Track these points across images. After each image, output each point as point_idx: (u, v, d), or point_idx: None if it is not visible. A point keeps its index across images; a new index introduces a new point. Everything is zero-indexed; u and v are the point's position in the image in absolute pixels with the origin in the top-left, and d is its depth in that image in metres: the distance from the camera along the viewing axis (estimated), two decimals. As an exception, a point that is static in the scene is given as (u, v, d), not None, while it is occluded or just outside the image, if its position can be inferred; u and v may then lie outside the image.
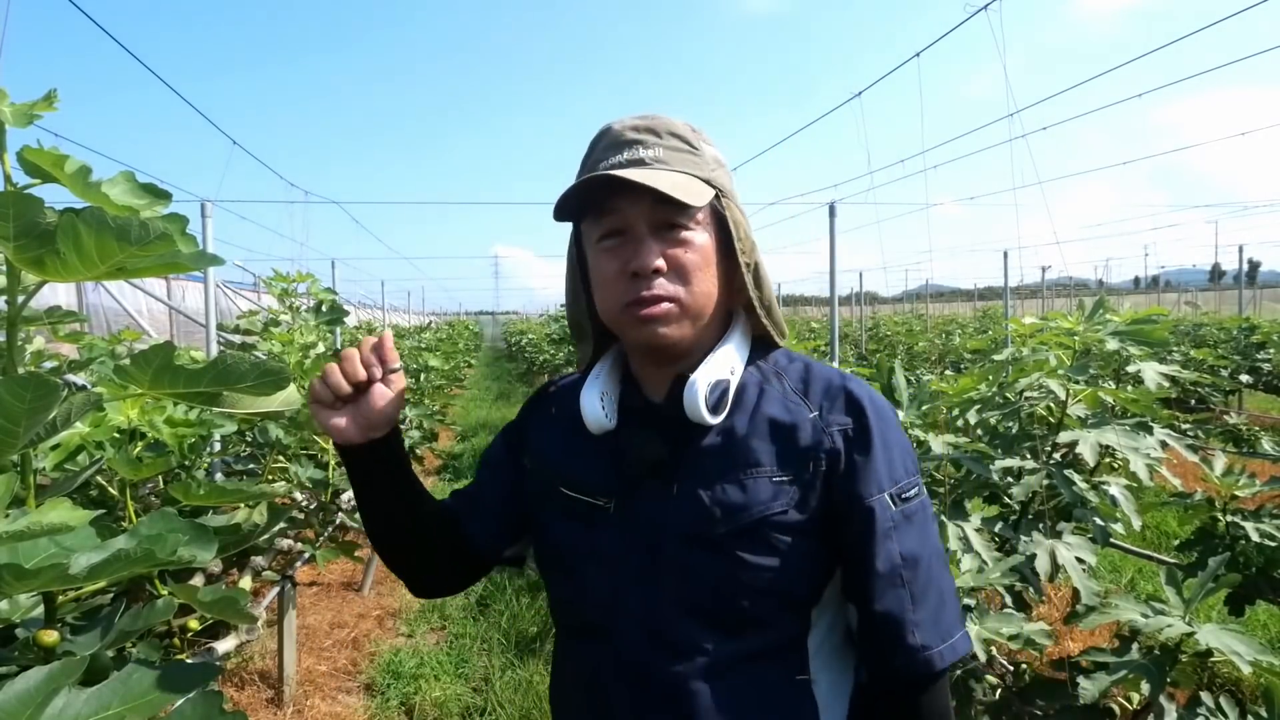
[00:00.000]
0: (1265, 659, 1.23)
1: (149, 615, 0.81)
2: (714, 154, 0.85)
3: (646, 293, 0.77)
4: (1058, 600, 3.41)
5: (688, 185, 0.77)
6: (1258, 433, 4.87)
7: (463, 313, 54.04)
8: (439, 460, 7.21)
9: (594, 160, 0.82)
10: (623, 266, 0.78)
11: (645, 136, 0.80)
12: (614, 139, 0.82)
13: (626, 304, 0.78)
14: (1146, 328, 1.87)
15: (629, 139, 0.80)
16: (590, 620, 0.86)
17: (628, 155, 0.79)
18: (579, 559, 0.87)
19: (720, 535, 0.79)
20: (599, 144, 0.83)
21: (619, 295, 0.79)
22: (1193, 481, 3.35)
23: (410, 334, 10.97)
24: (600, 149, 0.82)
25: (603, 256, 0.80)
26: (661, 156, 0.79)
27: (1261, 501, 1.92)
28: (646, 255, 0.77)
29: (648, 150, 0.79)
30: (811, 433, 0.81)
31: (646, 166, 0.78)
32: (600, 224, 0.80)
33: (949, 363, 8.39)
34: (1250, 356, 7.64)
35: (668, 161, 0.79)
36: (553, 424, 0.94)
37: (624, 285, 0.78)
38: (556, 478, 0.89)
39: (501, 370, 19.58)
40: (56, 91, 0.66)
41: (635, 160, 0.79)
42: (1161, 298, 25.10)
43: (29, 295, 0.67)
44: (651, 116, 0.83)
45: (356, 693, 3.02)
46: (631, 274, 0.77)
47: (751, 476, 0.80)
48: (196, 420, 1.39)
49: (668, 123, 0.82)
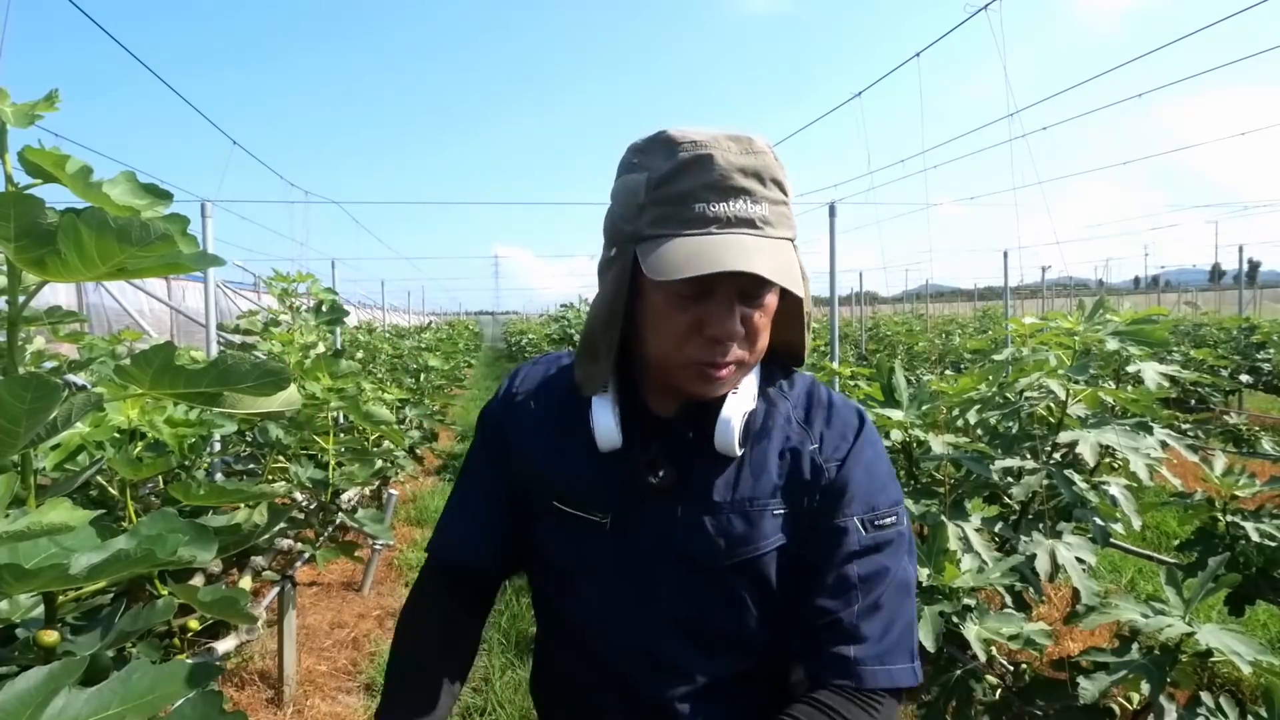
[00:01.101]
0: (1265, 659, 1.23)
1: (149, 615, 0.81)
2: (792, 190, 0.78)
3: (721, 359, 0.74)
4: (1058, 600, 3.41)
5: (791, 265, 0.73)
6: (1258, 433, 4.87)
7: (463, 313, 54.05)
8: (439, 460, 7.21)
9: (685, 194, 0.72)
10: (698, 325, 0.74)
11: (753, 185, 0.72)
12: (719, 180, 0.71)
13: (697, 362, 0.75)
14: (1146, 328, 1.87)
15: (737, 185, 0.71)
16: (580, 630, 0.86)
17: (736, 209, 0.71)
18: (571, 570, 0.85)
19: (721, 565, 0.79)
20: (692, 172, 0.72)
21: (687, 351, 0.75)
22: (1193, 481, 3.35)
23: (410, 334, 10.97)
24: (700, 186, 0.71)
25: (673, 304, 0.74)
26: (769, 217, 0.73)
27: (1261, 501, 1.92)
28: (731, 324, 0.73)
29: (756, 206, 0.72)
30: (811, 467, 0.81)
31: (756, 231, 0.72)
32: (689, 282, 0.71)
33: (949, 363, 8.39)
34: (1250, 356, 7.64)
35: (773, 224, 0.73)
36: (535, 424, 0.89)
37: (696, 344, 0.75)
38: (549, 490, 0.86)
39: (501, 370, 19.58)
40: (58, 91, 0.66)
41: (744, 219, 0.71)
42: (1161, 298, 25.10)
43: (29, 295, 0.67)
44: (755, 150, 0.73)
45: (356, 693, 3.02)
46: (710, 337, 0.74)
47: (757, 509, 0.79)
48: (196, 420, 1.39)
49: (769, 164, 0.74)
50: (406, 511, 5.38)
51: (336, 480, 2.24)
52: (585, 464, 0.84)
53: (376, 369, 5.66)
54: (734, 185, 0.71)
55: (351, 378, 2.24)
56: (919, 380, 2.05)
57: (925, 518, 1.69)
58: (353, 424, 2.77)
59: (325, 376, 2.17)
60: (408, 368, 6.53)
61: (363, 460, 2.35)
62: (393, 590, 4.05)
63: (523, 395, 0.93)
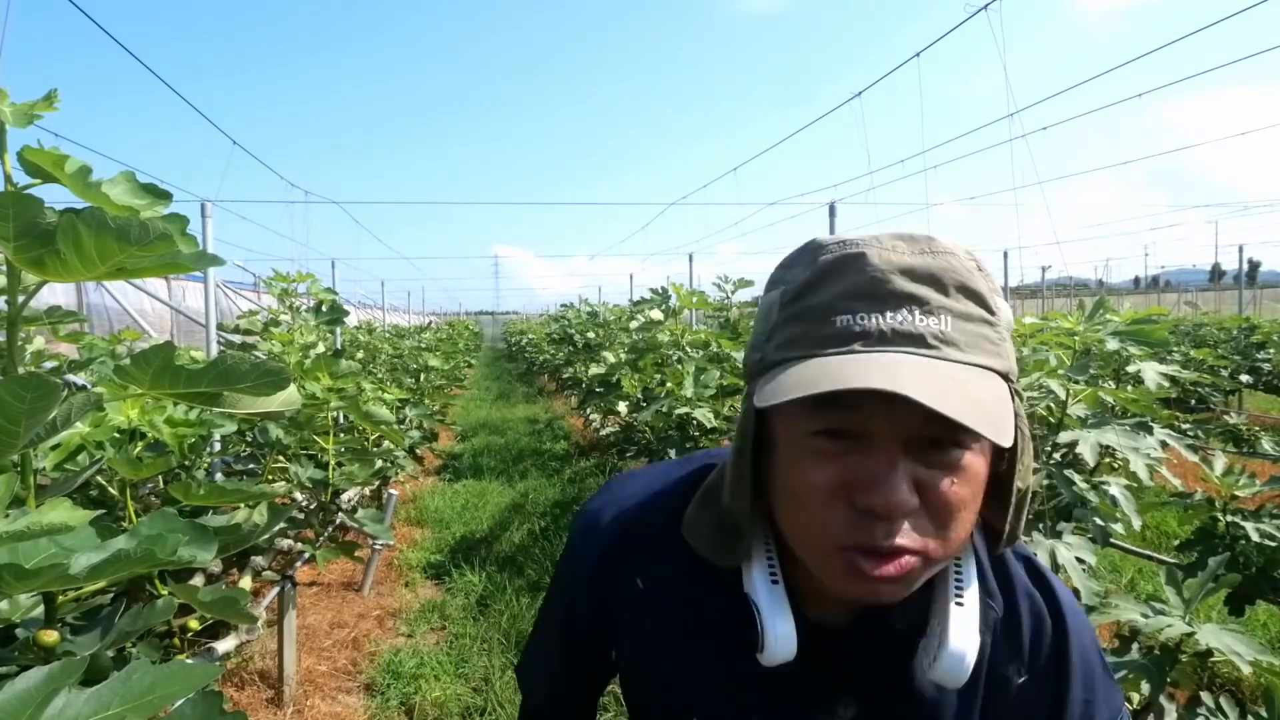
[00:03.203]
0: (1265, 659, 1.23)
1: (149, 615, 0.81)
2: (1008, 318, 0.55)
3: (885, 542, 0.49)
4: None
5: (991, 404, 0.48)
6: (1258, 433, 4.87)
7: (463, 313, 54.10)
8: (439, 460, 7.21)
9: (825, 304, 0.52)
10: (848, 488, 0.50)
11: (926, 293, 0.51)
12: (874, 286, 0.51)
13: (845, 547, 0.51)
14: (1146, 328, 1.87)
15: (903, 290, 0.50)
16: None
17: (899, 322, 0.50)
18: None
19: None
20: (836, 277, 0.52)
21: (833, 530, 0.51)
22: (1193, 481, 3.35)
23: (410, 334, 10.97)
24: (842, 294, 0.52)
25: (812, 456, 0.52)
26: (950, 334, 0.50)
27: (1261, 501, 1.92)
28: (896, 489, 0.49)
29: (932, 319, 0.50)
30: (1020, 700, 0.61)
31: (929, 350, 0.50)
32: (824, 414, 0.51)
33: (949, 363, 8.38)
34: (1250, 356, 7.65)
35: (958, 343, 0.50)
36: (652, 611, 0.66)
37: (846, 517, 0.51)
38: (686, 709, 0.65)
39: (501, 370, 19.59)
40: (57, 91, 0.66)
41: (907, 335, 0.50)
42: (1161, 298, 25.11)
43: (29, 295, 0.67)
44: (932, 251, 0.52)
45: (356, 693, 3.02)
46: (864, 508, 0.50)
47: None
48: (196, 420, 1.39)
49: (955, 266, 0.52)
50: (406, 511, 5.38)
51: (336, 480, 2.24)
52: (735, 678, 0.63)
53: (376, 369, 5.67)
54: (895, 290, 0.50)
55: (351, 378, 2.24)
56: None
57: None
58: (353, 424, 2.77)
59: (325, 376, 2.17)
60: (408, 368, 6.53)
61: (363, 460, 2.35)
62: (393, 590, 4.05)
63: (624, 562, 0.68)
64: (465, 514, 5.33)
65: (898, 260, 0.51)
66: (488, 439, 8.47)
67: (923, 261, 0.51)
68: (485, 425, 9.54)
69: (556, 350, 10.54)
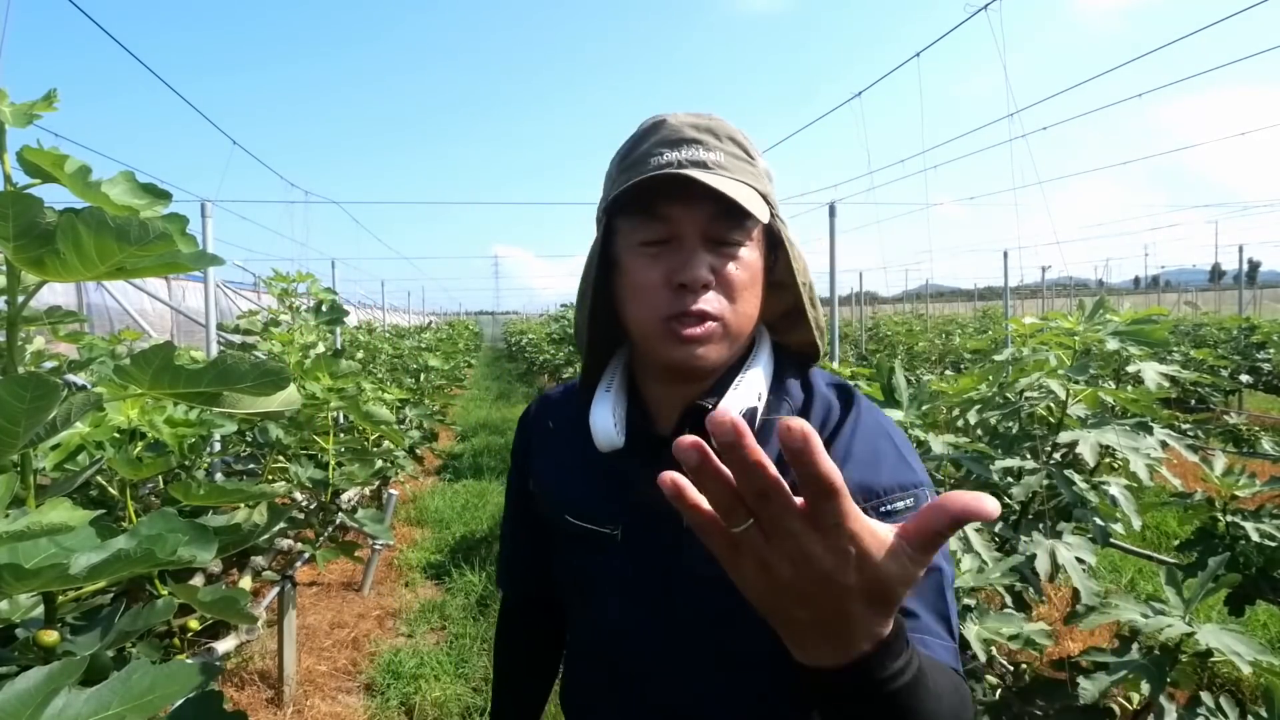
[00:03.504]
0: (1265, 659, 1.23)
1: (149, 615, 0.81)
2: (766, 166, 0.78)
3: (691, 307, 0.70)
4: (1058, 600, 3.41)
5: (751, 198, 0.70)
6: (1258, 433, 4.87)
7: (463, 313, 54.09)
8: (439, 460, 7.21)
9: (644, 154, 0.74)
10: (666, 275, 0.71)
11: (705, 137, 0.73)
12: (669, 134, 0.73)
13: (667, 317, 0.71)
14: (1146, 328, 1.87)
15: (688, 136, 0.73)
16: (600, 645, 0.84)
17: (686, 154, 0.72)
18: (594, 584, 0.83)
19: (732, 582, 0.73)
20: (649, 136, 0.75)
21: (659, 306, 0.72)
22: (1193, 481, 3.35)
23: (410, 334, 10.97)
24: (652, 142, 0.74)
25: (643, 261, 0.73)
26: (722, 162, 0.72)
27: (1261, 501, 1.92)
28: (697, 267, 0.70)
29: (709, 152, 0.72)
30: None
31: (708, 170, 0.71)
32: (647, 227, 0.73)
33: (949, 363, 8.39)
34: (1250, 356, 7.65)
35: (728, 169, 0.72)
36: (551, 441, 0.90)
37: (666, 296, 0.71)
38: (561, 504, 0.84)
39: (501, 370, 19.58)
40: (56, 91, 0.66)
41: (696, 161, 0.71)
42: (1161, 298, 25.10)
43: (29, 295, 0.66)
44: (709, 117, 0.76)
45: (356, 693, 3.02)
46: (678, 285, 0.70)
47: None
48: (196, 420, 1.39)
49: (726, 126, 0.76)
50: (406, 511, 5.38)
51: (336, 480, 2.24)
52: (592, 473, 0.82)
53: (376, 369, 5.66)
54: (684, 136, 0.73)
55: (351, 378, 2.24)
56: (919, 380, 2.05)
57: (925, 518, 1.69)
58: (353, 424, 2.77)
59: (325, 376, 2.17)
60: (408, 368, 6.53)
61: (363, 460, 2.35)
62: (393, 590, 4.05)
63: (541, 413, 0.93)
64: (465, 514, 5.33)
65: (687, 120, 0.75)
66: (488, 439, 8.47)
67: (704, 121, 0.75)
68: (485, 425, 9.54)
69: (556, 350, 10.54)
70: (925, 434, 1.85)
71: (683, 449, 0.35)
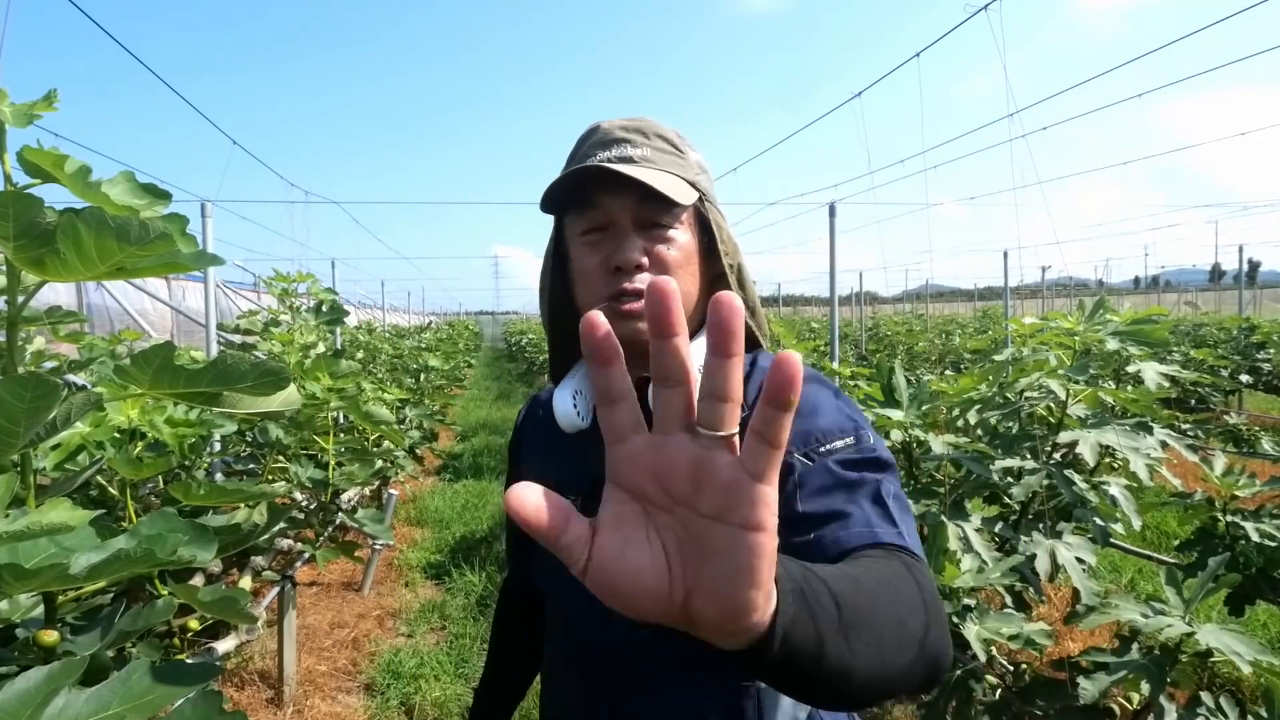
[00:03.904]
0: (1265, 659, 1.23)
1: (149, 615, 0.81)
2: (698, 159, 0.86)
3: (628, 285, 0.77)
4: (1058, 600, 3.41)
5: (674, 185, 0.77)
6: (1258, 433, 4.87)
7: (463, 313, 54.09)
8: (439, 460, 7.21)
9: (581, 155, 0.83)
10: (604, 261, 0.78)
11: (633, 136, 0.81)
12: (602, 137, 0.82)
13: (606, 298, 0.78)
14: (1146, 328, 1.87)
15: (617, 137, 0.81)
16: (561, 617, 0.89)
17: (616, 152, 0.80)
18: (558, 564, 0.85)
19: None
20: (586, 141, 0.84)
21: (599, 289, 0.78)
22: (1193, 481, 3.35)
23: (410, 334, 10.96)
24: (588, 145, 0.83)
25: (585, 250, 0.80)
26: (649, 156, 0.80)
27: (1261, 501, 1.92)
28: (630, 250, 0.76)
29: (636, 149, 0.80)
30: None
31: (634, 164, 0.78)
32: (584, 218, 0.80)
33: (949, 363, 8.39)
34: (1250, 356, 7.65)
35: (655, 161, 0.80)
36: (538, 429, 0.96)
37: (605, 279, 0.78)
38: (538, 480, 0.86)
39: (501, 370, 19.58)
40: (57, 91, 0.66)
41: (624, 158, 0.79)
42: (1161, 298, 25.11)
43: (29, 295, 0.67)
44: (640, 119, 0.85)
45: (356, 693, 3.02)
46: (614, 269, 0.77)
47: None
48: (196, 420, 1.39)
49: (655, 126, 0.84)
50: (406, 511, 5.38)
51: (336, 480, 2.24)
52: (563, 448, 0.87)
53: (376, 369, 5.67)
54: (614, 138, 0.81)
55: (351, 378, 2.24)
56: (919, 380, 2.05)
57: (925, 518, 1.69)
58: (353, 424, 2.77)
59: (325, 376, 2.17)
60: (408, 368, 6.53)
61: (363, 460, 2.35)
62: (393, 590, 4.05)
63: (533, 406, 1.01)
64: (465, 514, 5.33)
65: (619, 123, 0.83)
66: (488, 439, 8.47)
67: (634, 124, 0.83)
68: (485, 425, 9.54)
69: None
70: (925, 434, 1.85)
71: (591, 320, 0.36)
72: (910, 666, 0.52)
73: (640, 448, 0.39)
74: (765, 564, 0.36)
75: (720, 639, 0.40)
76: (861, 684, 0.47)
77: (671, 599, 0.38)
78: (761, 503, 0.35)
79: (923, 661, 0.53)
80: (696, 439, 0.37)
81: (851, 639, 0.46)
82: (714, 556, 0.37)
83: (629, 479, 0.40)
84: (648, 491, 0.39)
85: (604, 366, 0.38)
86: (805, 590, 0.44)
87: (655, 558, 0.38)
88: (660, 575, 0.38)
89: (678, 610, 0.38)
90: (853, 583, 0.49)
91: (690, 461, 0.37)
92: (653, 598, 0.38)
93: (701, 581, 0.37)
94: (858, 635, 0.47)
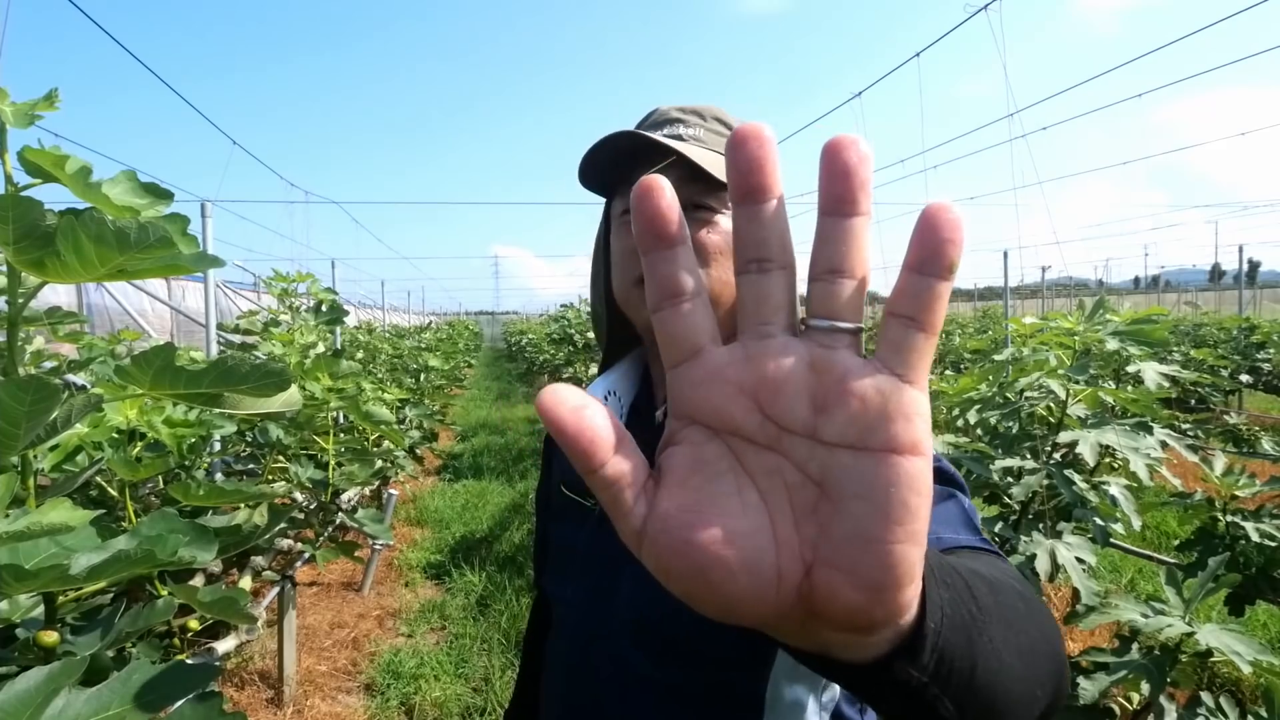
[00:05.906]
0: (1265, 659, 1.23)
1: (149, 615, 0.81)
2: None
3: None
4: (1058, 600, 3.41)
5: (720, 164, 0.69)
6: (1258, 433, 4.87)
7: (463, 313, 54.07)
8: (439, 460, 7.21)
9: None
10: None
11: (689, 117, 0.76)
12: (657, 118, 0.78)
13: (637, 279, 0.72)
14: (1146, 328, 1.87)
15: (672, 117, 0.77)
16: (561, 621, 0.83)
17: (667, 131, 0.75)
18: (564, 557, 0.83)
19: None
20: (643, 123, 0.79)
21: (631, 270, 0.73)
22: (1193, 481, 3.35)
23: (410, 334, 10.96)
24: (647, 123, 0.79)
25: (621, 231, 0.75)
26: (700, 136, 0.75)
27: (1261, 501, 1.92)
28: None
29: (688, 129, 0.75)
30: None
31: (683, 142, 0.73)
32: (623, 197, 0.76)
33: (949, 363, 8.39)
34: (1250, 356, 7.65)
35: (705, 142, 0.75)
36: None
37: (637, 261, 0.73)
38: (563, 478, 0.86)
39: (501, 370, 19.58)
40: (57, 91, 0.66)
41: (674, 136, 0.74)
42: (1161, 298, 25.10)
43: (29, 296, 0.67)
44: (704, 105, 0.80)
45: (356, 693, 3.02)
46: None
47: None
48: (196, 421, 1.39)
49: (717, 111, 0.79)
50: (406, 511, 5.38)
51: (336, 480, 2.24)
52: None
53: (376, 369, 5.66)
54: (669, 118, 0.77)
55: (351, 378, 2.24)
56: (919, 380, 2.05)
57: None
58: (353, 424, 2.77)
59: (325, 376, 2.17)
60: (408, 368, 6.53)
61: (363, 460, 2.35)
62: (393, 590, 4.05)
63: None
64: (465, 514, 5.33)
65: (676, 106, 0.78)
66: (488, 439, 8.47)
67: (692, 106, 0.78)
68: (485, 425, 9.54)
69: (556, 350, 10.53)
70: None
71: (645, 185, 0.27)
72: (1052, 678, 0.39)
73: (725, 359, 0.27)
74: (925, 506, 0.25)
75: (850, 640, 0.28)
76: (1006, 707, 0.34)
77: (781, 577, 0.26)
78: (916, 413, 0.25)
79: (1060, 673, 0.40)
80: (809, 337, 0.27)
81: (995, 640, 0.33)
82: (851, 501, 0.25)
83: (709, 406, 0.27)
84: (739, 422, 0.27)
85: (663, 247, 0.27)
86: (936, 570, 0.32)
87: (752, 515, 0.26)
88: (763, 541, 0.26)
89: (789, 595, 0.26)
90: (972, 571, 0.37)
91: (805, 369, 0.26)
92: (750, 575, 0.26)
93: (832, 543, 0.25)
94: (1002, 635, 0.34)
